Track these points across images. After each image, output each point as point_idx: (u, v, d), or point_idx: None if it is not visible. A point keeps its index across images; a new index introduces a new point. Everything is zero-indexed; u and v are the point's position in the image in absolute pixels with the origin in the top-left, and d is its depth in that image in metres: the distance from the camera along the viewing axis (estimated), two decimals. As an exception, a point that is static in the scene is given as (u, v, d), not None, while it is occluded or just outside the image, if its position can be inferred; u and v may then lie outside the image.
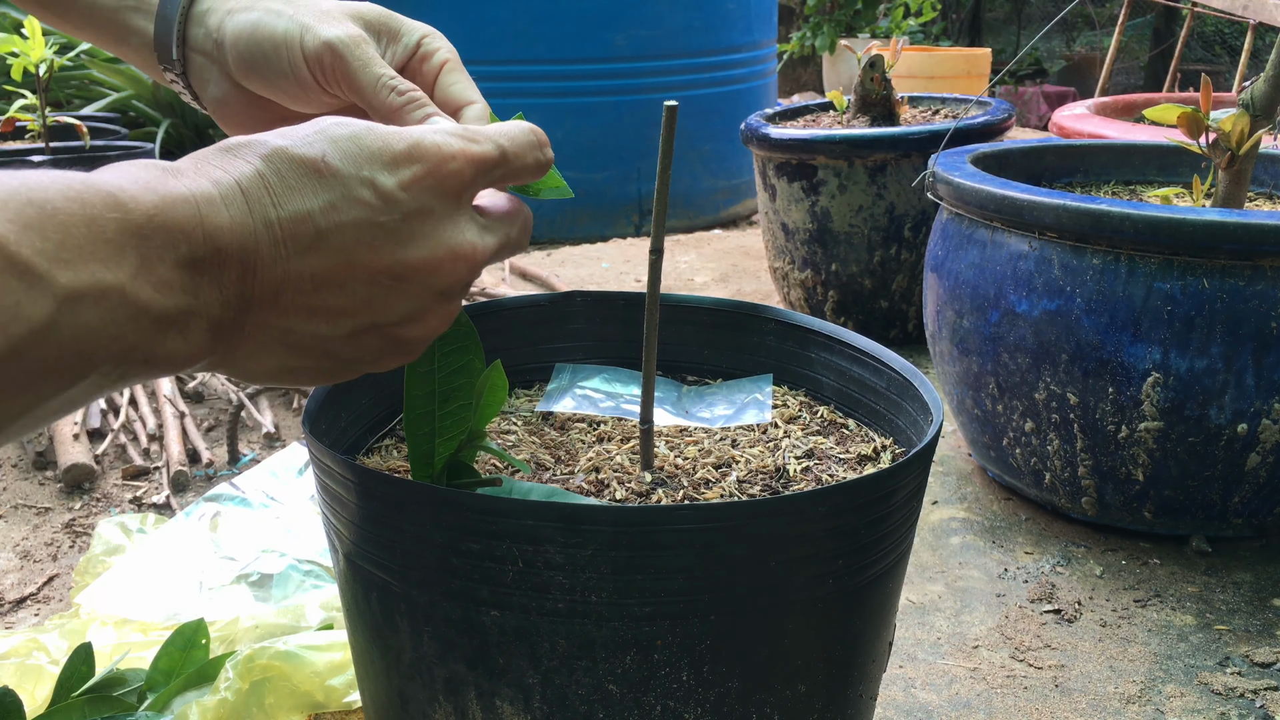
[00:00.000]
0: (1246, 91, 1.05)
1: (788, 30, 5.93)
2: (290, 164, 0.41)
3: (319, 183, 0.41)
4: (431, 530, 0.48)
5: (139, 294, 0.36)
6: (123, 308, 0.35)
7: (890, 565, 0.54)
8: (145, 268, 0.36)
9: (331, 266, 0.41)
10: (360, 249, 0.41)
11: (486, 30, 2.69)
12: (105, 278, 0.35)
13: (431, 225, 0.43)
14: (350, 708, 0.76)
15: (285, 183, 0.40)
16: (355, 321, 0.42)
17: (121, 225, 0.35)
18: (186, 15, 0.55)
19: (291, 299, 0.41)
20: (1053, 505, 1.17)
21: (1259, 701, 0.87)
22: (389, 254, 0.42)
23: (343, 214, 0.41)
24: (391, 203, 0.42)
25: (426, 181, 0.43)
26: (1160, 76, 6.07)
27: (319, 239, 0.40)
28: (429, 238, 0.43)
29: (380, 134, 0.43)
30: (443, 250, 0.43)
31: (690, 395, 0.72)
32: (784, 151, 1.73)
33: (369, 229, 0.41)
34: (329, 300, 0.41)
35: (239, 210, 0.39)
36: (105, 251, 0.35)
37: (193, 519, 1.02)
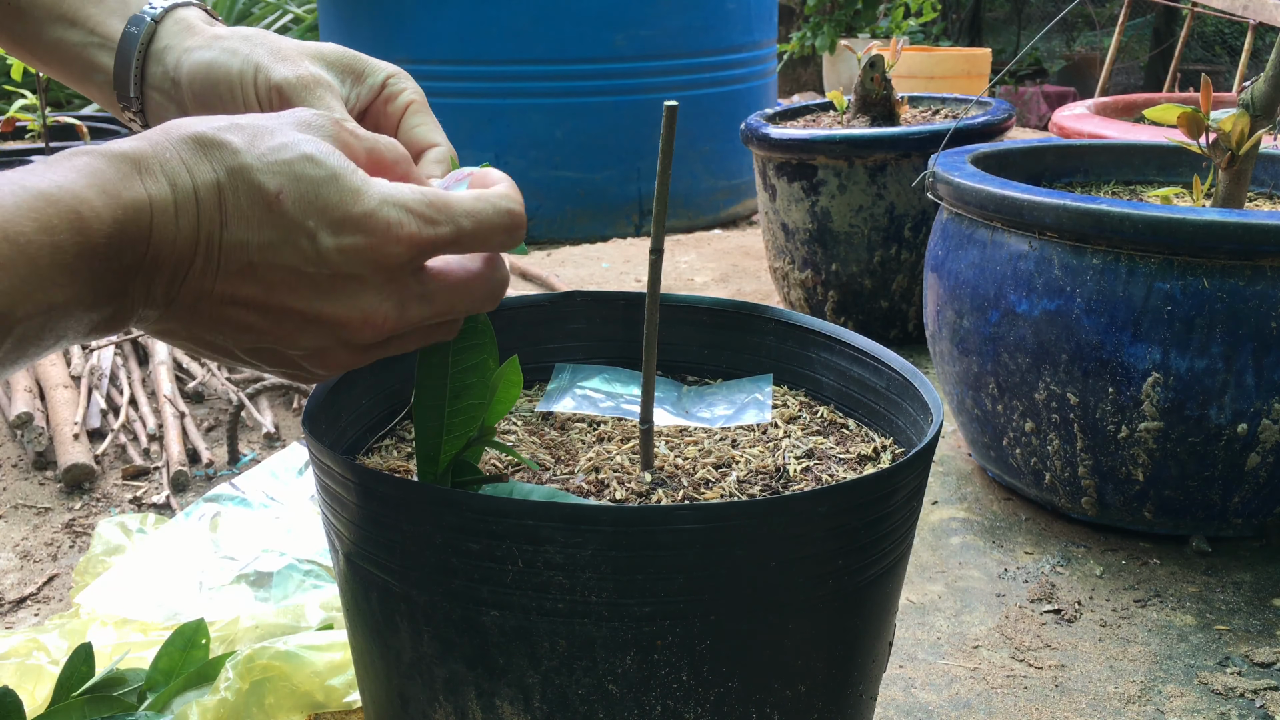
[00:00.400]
0: (1246, 91, 1.05)
1: (788, 30, 5.93)
2: (248, 190, 0.42)
3: (266, 218, 0.42)
4: (431, 530, 0.48)
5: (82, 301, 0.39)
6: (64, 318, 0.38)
7: (890, 565, 0.54)
8: (93, 279, 0.39)
9: (252, 295, 0.43)
10: (281, 288, 0.43)
11: (486, 30, 2.69)
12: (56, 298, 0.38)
13: (354, 289, 0.44)
14: (350, 708, 0.76)
15: (238, 207, 0.42)
16: (258, 341, 0.45)
17: (81, 249, 0.38)
18: (145, 53, 0.56)
19: (208, 308, 0.43)
20: (1053, 505, 1.17)
21: (1259, 701, 0.87)
22: (306, 301, 0.44)
23: (276, 255, 0.42)
24: (324, 261, 0.43)
25: (365, 254, 0.43)
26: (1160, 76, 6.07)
27: (249, 268, 0.42)
28: (348, 299, 0.44)
29: (343, 188, 0.43)
30: (357, 313, 0.44)
31: (690, 395, 0.72)
32: (784, 151, 1.72)
33: (295, 275, 0.43)
34: (241, 318, 0.44)
35: (188, 224, 0.41)
36: (65, 277, 0.38)
37: (193, 519, 1.02)
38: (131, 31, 0.55)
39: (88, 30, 0.56)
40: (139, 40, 0.55)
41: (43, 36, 0.57)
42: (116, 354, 1.57)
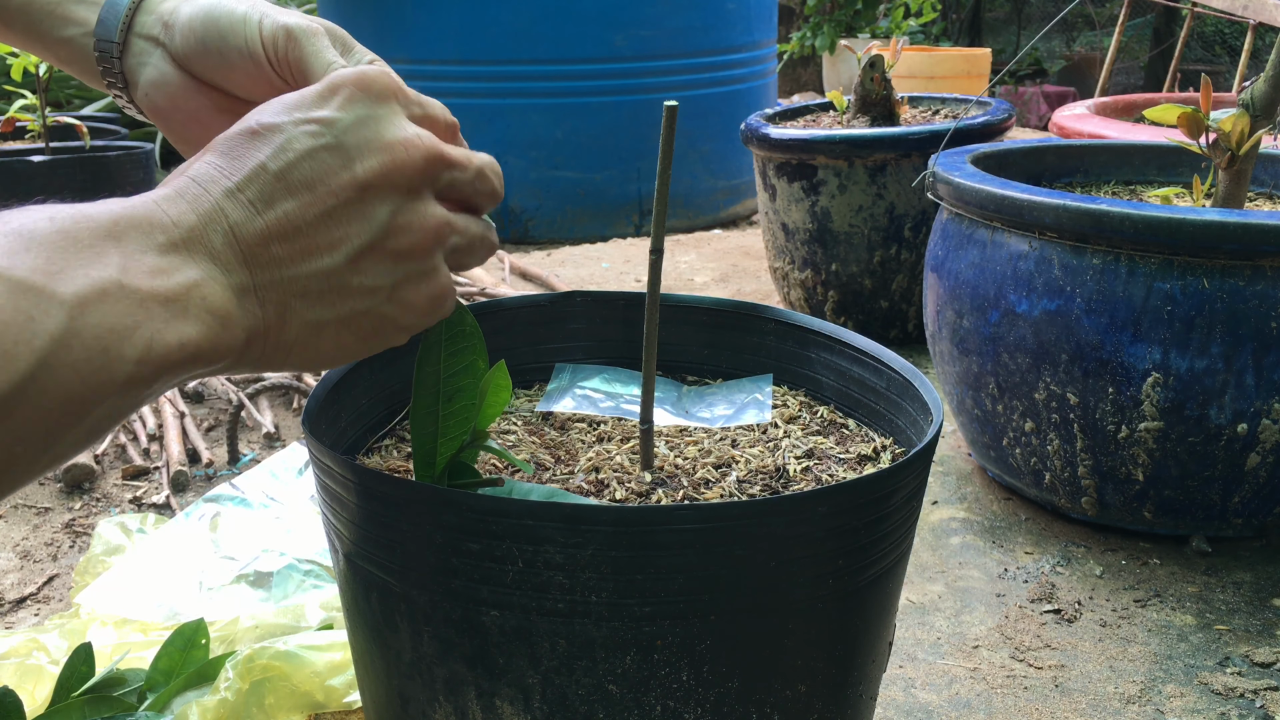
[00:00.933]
0: (1246, 91, 1.05)
1: (788, 30, 5.93)
2: (230, 141, 0.43)
3: (261, 139, 0.43)
4: (431, 530, 0.48)
5: (136, 283, 0.38)
6: (127, 298, 0.37)
7: (890, 565, 0.54)
8: (131, 261, 0.38)
9: (300, 204, 0.43)
10: (317, 176, 0.43)
11: (486, 30, 2.69)
12: (99, 274, 0.37)
13: (373, 129, 0.44)
14: (350, 708, 0.76)
15: (232, 155, 0.43)
16: (346, 246, 0.44)
17: (93, 231, 0.38)
18: (138, 4, 0.56)
19: (281, 248, 0.42)
20: (1053, 505, 1.17)
21: (1259, 701, 0.87)
22: (345, 171, 0.43)
23: (290, 152, 0.43)
24: (329, 124, 0.44)
25: (355, 96, 0.45)
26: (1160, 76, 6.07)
27: (278, 182, 0.42)
28: (375, 141, 0.44)
29: (301, 91, 0.45)
30: (392, 147, 0.44)
31: (690, 395, 0.72)
32: (784, 151, 1.73)
33: (319, 154, 0.43)
34: (313, 235, 0.43)
35: (195, 193, 0.41)
36: (88, 255, 0.37)
37: (193, 519, 1.02)
38: None
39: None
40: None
41: (52, 33, 0.57)
42: (116, 354, 1.57)
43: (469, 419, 0.54)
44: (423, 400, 0.52)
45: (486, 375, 0.53)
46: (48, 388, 0.35)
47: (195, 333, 0.39)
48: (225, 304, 0.40)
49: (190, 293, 0.39)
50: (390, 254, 0.45)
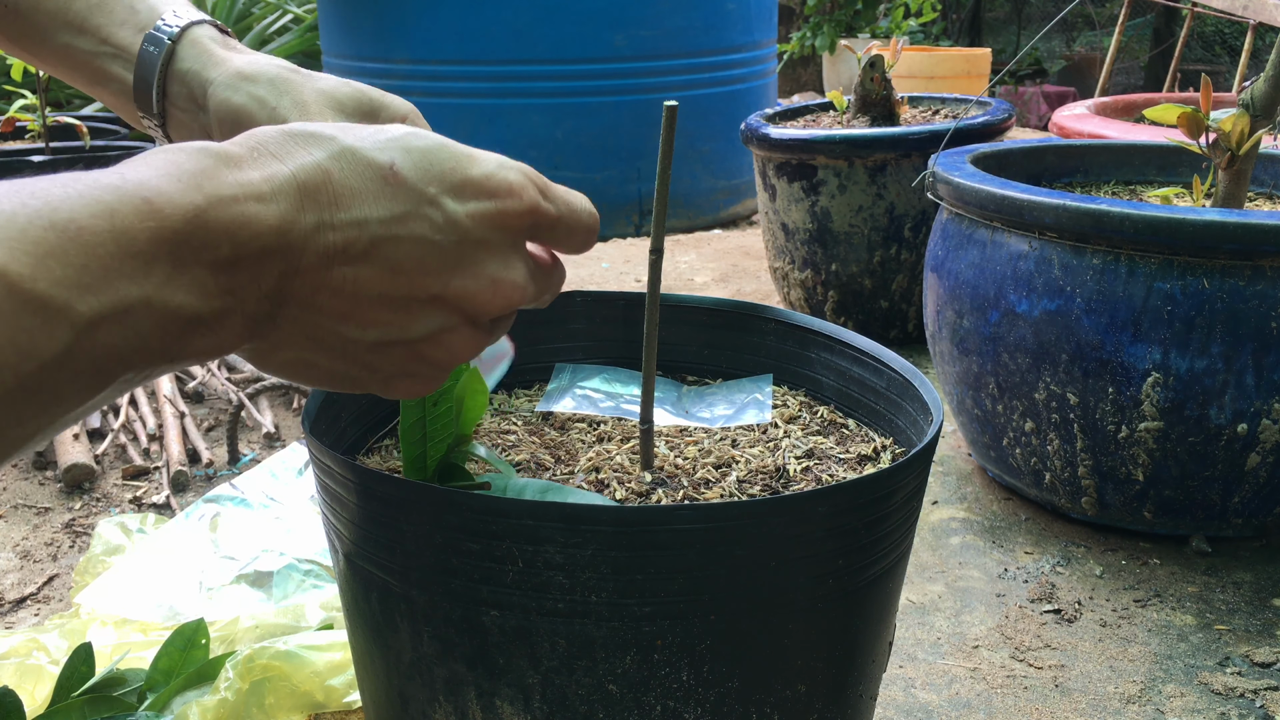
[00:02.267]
0: (1246, 91, 1.05)
1: (788, 30, 5.93)
2: (359, 166, 0.40)
3: (384, 191, 0.40)
4: (431, 530, 0.48)
5: (168, 300, 0.35)
6: (148, 319, 0.34)
7: (890, 565, 0.54)
8: (178, 271, 0.35)
9: (376, 276, 0.40)
10: (408, 265, 0.40)
11: (486, 30, 2.69)
12: (130, 293, 0.33)
13: (484, 256, 0.42)
14: (350, 708, 0.76)
15: (349, 185, 0.39)
16: (384, 332, 0.42)
17: (155, 234, 0.34)
18: (166, 73, 0.56)
19: (329, 300, 0.40)
20: (1053, 505, 1.17)
21: (1259, 701, 0.87)
22: (434, 275, 0.41)
23: (402, 227, 0.40)
24: (453, 227, 0.41)
25: (492, 217, 0.42)
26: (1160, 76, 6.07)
27: (373, 248, 0.40)
28: (479, 267, 0.42)
29: (455, 154, 0.42)
30: (486, 282, 0.42)
31: (690, 395, 0.72)
32: (784, 151, 1.72)
33: (424, 246, 0.40)
34: (363, 308, 0.41)
35: (289, 207, 0.38)
36: (132, 265, 0.33)
37: (193, 519, 1.02)
38: (150, 51, 0.56)
39: (98, 40, 0.57)
40: (159, 60, 0.55)
41: (49, 41, 0.57)
42: (116, 354, 1.57)
43: (453, 422, 0.54)
44: (411, 407, 0.52)
45: (460, 383, 0.52)
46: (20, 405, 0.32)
47: (195, 349, 0.37)
48: (240, 328, 0.38)
49: (213, 318, 0.37)
50: (414, 355, 0.43)
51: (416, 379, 0.45)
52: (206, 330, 0.37)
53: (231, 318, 0.37)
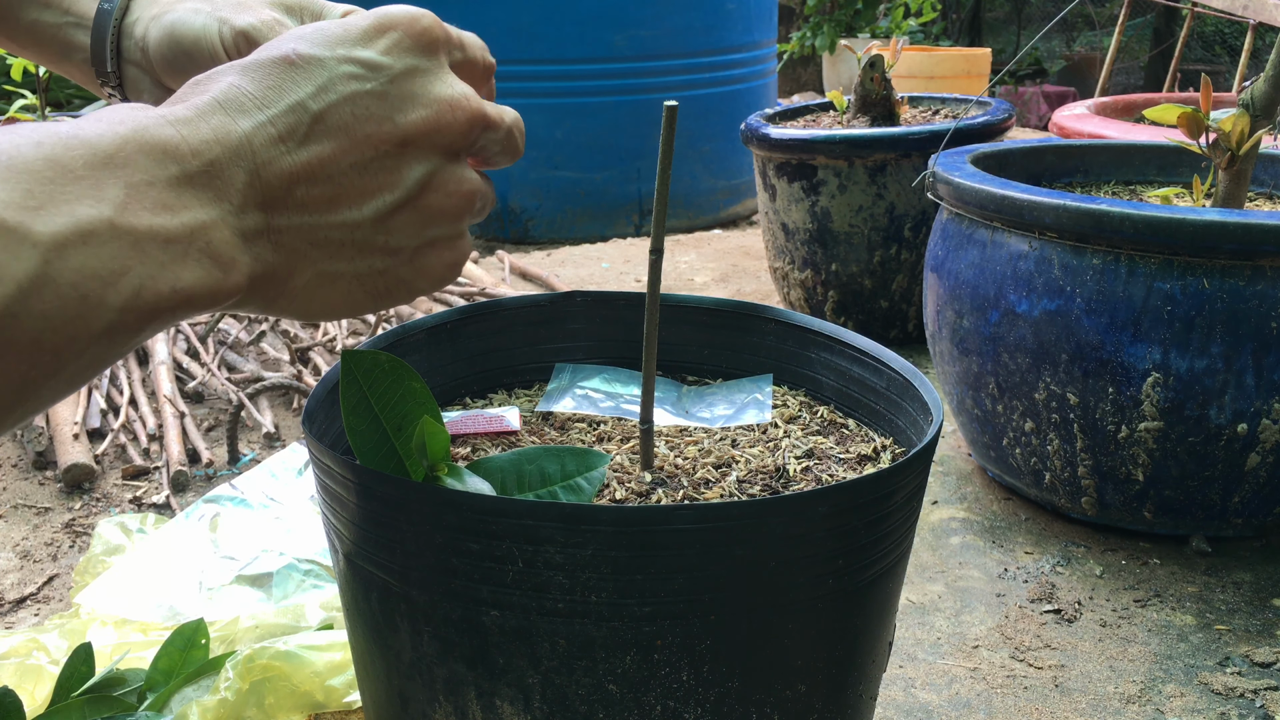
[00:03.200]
0: (1246, 91, 1.05)
1: (788, 30, 5.94)
2: (265, 67, 0.40)
3: (298, 73, 0.40)
4: (431, 530, 0.48)
5: (134, 222, 0.34)
6: (118, 239, 0.34)
7: (890, 565, 0.54)
8: (135, 194, 0.35)
9: (335, 148, 0.40)
10: (358, 123, 0.41)
11: (486, 30, 2.68)
12: (88, 214, 0.33)
13: (421, 83, 0.42)
14: (350, 708, 0.76)
15: (265, 85, 0.40)
16: (378, 201, 0.41)
17: (89, 159, 0.34)
18: (119, 29, 0.56)
19: (307, 191, 0.40)
20: (1053, 505, 1.17)
21: (1259, 701, 0.87)
22: (388, 121, 0.41)
23: (333, 93, 0.40)
24: (376, 69, 0.41)
25: (404, 43, 0.42)
26: (1160, 76, 6.07)
27: (316, 123, 0.40)
28: (422, 96, 0.42)
29: (339, 19, 0.43)
30: (437, 104, 0.42)
31: (690, 395, 0.72)
32: (784, 151, 1.73)
33: (363, 100, 0.41)
34: (344, 184, 0.40)
35: (220, 121, 0.38)
36: (79, 189, 0.33)
37: (193, 519, 1.02)
38: (105, 8, 0.56)
39: (62, 10, 0.57)
40: (113, 16, 0.56)
41: (19, 19, 0.57)
42: (116, 354, 1.57)
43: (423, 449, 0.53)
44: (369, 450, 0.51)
45: (417, 430, 0.52)
46: (15, 338, 0.32)
47: (193, 279, 0.36)
48: (232, 249, 0.37)
49: (195, 235, 0.36)
50: (420, 215, 0.43)
51: (440, 245, 0.44)
52: (200, 255, 0.36)
53: (218, 235, 0.37)
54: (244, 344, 1.66)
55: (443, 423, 0.53)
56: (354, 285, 0.43)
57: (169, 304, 0.35)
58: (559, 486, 0.54)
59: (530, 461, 0.55)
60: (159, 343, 1.55)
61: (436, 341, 0.71)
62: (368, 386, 0.51)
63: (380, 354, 0.51)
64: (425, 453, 0.52)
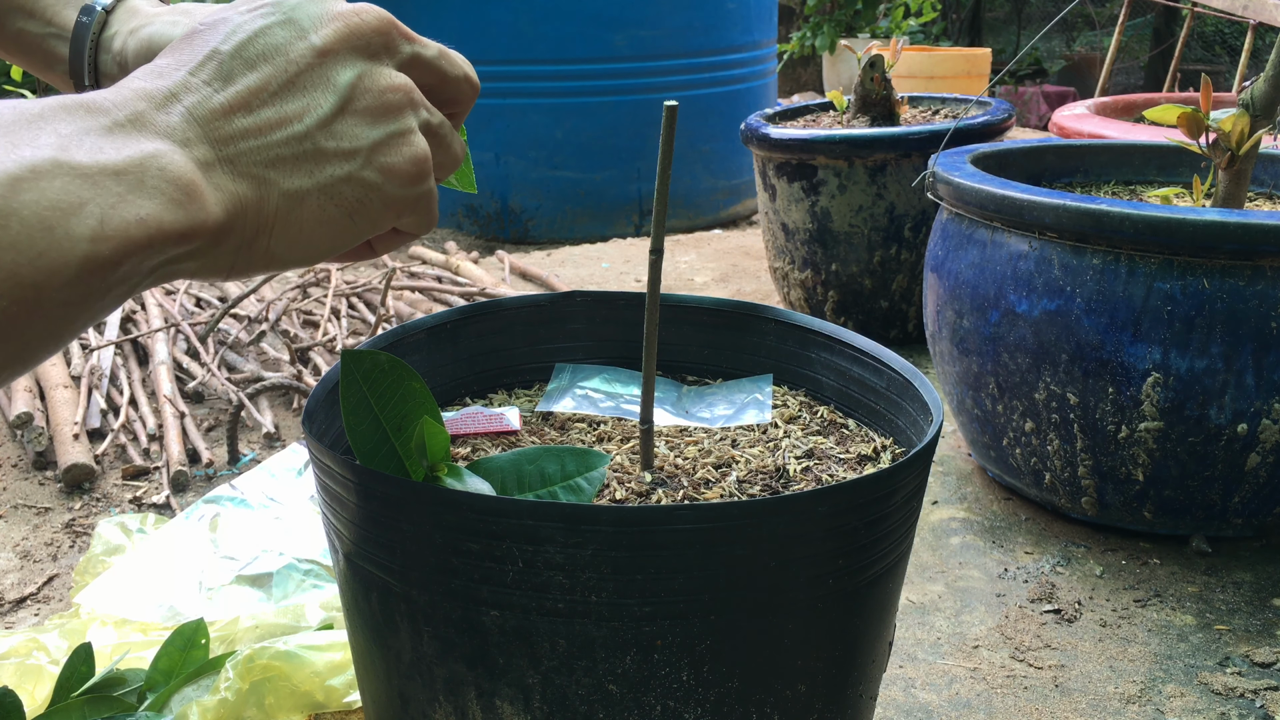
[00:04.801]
0: (1246, 91, 1.05)
1: (788, 30, 5.94)
2: (176, 43, 0.42)
3: (208, 30, 0.42)
4: (431, 530, 0.48)
5: (78, 158, 0.35)
6: (67, 174, 0.34)
7: (890, 565, 0.54)
8: (70, 140, 0.35)
9: (260, 76, 0.41)
10: (274, 49, 0.42)
11: (486, 30, 2.69)
12: (30, 154, 0.34)
13: (320, 4, 0.44)
14: (350, 708, 0.76)
15: (178, 50, 0.41)
16: (315, 111, 0.42)
17: (21, 117, 0.35)
18: (97, 43, 0.56)
19: (245, 119, 0.41)
20: (1053, 505, 1.17)
21: (1259, 701, 0.87)
22: (300, 40, 0.42)
23: (242, 32, 0.42)
24: (276, 4, 0.43)
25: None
26: (1160, 76, 6.07)
27: (234, 59, 0.41)
28: (326, 13, 0.43)
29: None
30: (343, 14, 0.44)
31: (690, 395, 0.72)
32: (784, 151, 1.73)
33: (272, 30, 0.42)
34: (278, 104, 0.42)
35: (140, 85, 0.39)
36: (17, 137, 0.34)
37: (193, 519, 1.02)
38: (83, 21, 0.56)
39: (44, 20, 0.57)
40: (90, 30, 0.56)
41: (6, 28, 0.57)
42: (116, 354, 1.57)
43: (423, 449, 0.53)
44: (370, 450, 0.52)
45: (417, 430, 0.52)
46: None
47: (157, 206, 0.36)
48: (189, 174, 0.38)
49: (145, 163, 0.36)
50: (361, 114, 0.43)
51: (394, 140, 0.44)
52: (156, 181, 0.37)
53: (169, 159, 0.37)
54: (244, 344, 1.66)
55: (443, 423, 0.53)
56: (324, 201, 0.43)
57: (141, 234, 0.36)
58: (559, 487, 0.54)
59: (530, 462, 0.55)
60: (159, 343, 1.55)
61: (436, 341, 0.71)
62: (368, 387, 0.51)
63: (380, 354, 0.51)
64: (425, 453, 0.52)
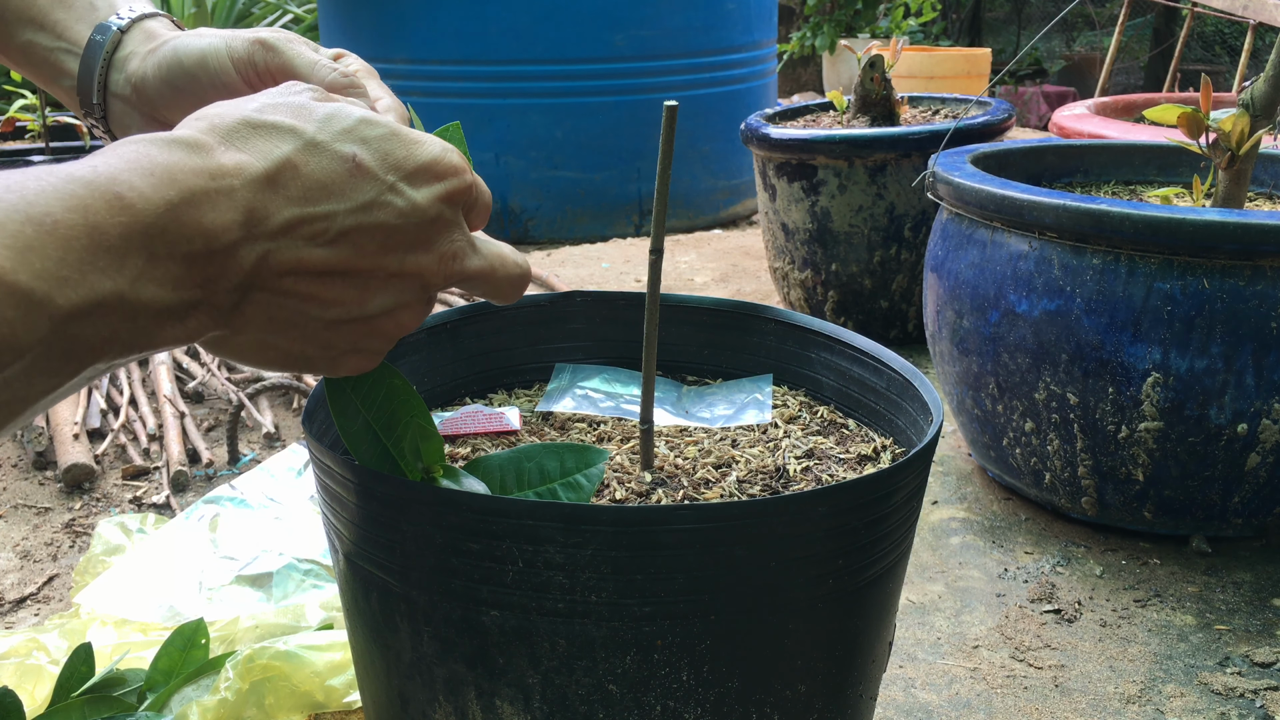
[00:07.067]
0: (1246, 91, 1.05)
1: (788, 30, 5.93)
2: (324, 159, 0.41)
3: (349, 183, 0.42)
4: (431, 530, 0.48)
5: (140, 295, 0.36)
6: (119, 312, 0.35)
7: (890, 565, 0.54)
8: (151, 265, 0.36)
9: (342, 259, 0.42)
10: (373, 248, 0.42)
11: (486, 30, 2.69)
12: (104, 287, 0.34)
13: (434, 231, 0.44)
14: (350, 708, 0.76)
15: (316, 179, 0.41)
16: (345, 311, 0.43)
17: (127, 229, 0.35)
18: (109, 62, 0.56)
19: (295, 284, 0.41)
20: (1053, 505, 1.17)
21: (1259, 701, 0.87)
22: (398, 255, 0.43)
23: (370, 216, 0.42)
24: (417, 211, 0.43)
25: (444, 194, 0.44)
26: (1160, 76, 6.07)
27: (341, 236, 0.41)
28: (430, 243, 0.44)
29: (406, 140, 0.44)
30: (439, 256, 0.45)
31: (690, 395, 0.72)
32: (784, 151, 1.72)
33: (389, 231, 0.42)
34: (327, 290, 0.42)
35: (260, 200, 0.39)
36: (106, 260, 0.34)
37: (192, 519, 1.02)
38: (97, 40, 0.56)
39: (56, 35, 0.57)
40: (104, 48, 0.56)
41: (13, 38, 0.57)
42: (116, 354, 1.57)
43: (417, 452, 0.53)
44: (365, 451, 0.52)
45: (409, 435, 0.52)
46: (5, 400, 0.33)
47: (164, 339, 0.38)
48: (208, 319, 0.39)
49: (185, 309, 0.38)
50: (366, 330, 0.45)
51: (364, 354, 0.46)
52: (175, 321, 0.38)
53: (200, 309, 0.39)
54: (244, 344, 1.66)
55: (430, 419, 0.53)
56: (276, 356, 0.44)
57: (134, 358, 0.38)
58: (558, 484, 0.54)
59: (529, 459, 0.55)
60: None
61: (436, 341, 0.71)
62: (351, 388, 0.51)
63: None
64: (419, 455, 0.52)
